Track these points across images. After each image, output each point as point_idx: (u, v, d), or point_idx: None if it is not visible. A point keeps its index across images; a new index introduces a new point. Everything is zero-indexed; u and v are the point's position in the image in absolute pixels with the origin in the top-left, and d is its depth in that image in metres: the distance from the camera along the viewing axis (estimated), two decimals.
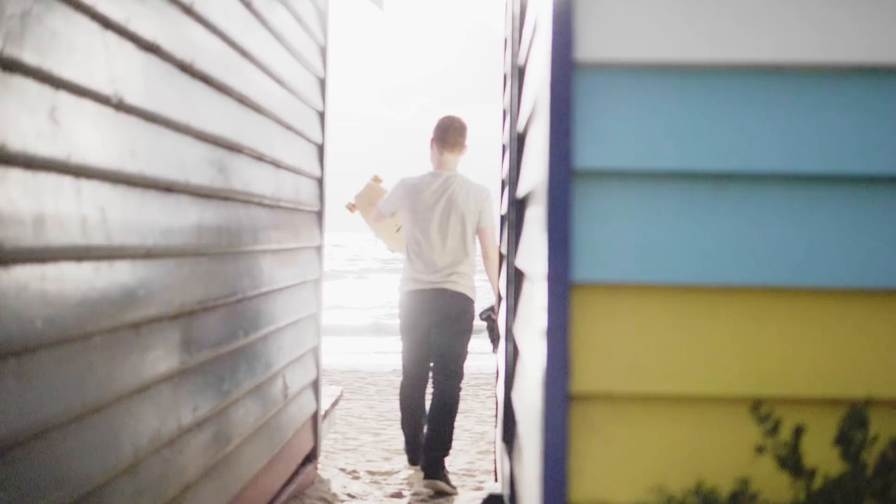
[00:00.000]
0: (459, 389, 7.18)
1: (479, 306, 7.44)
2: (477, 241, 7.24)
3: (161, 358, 3.48)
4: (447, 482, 6.93)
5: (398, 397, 7.50)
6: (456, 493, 6.93)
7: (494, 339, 7.28)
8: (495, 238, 7.15)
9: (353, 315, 25.18)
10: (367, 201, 7.98)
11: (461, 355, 7.15)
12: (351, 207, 8.09)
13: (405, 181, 7.24)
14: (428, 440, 6.96)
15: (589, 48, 2.67)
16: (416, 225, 7.14)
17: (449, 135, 7.25)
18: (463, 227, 7.07)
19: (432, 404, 7.10)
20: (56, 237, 2.65)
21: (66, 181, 2.72)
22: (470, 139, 7.31)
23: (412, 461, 7.56)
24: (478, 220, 7.12)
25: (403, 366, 7.41)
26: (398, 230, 7.84)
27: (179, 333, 3.68)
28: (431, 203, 7.10)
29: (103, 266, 2.97)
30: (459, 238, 7.08)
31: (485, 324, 7.43)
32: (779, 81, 2.66)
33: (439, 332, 7.14)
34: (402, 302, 7.29)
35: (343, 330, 21.00)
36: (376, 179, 8.07)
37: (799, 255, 2.65)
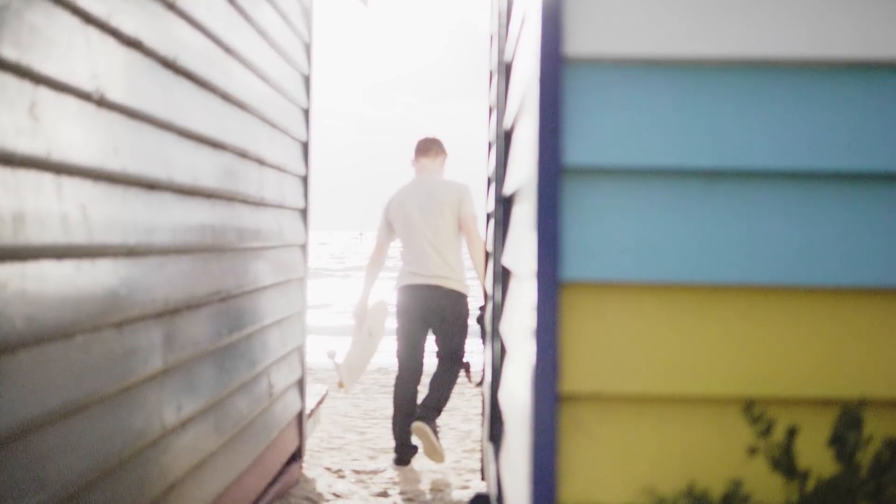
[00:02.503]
0: (459, 370, 7.71)
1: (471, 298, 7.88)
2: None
3: (144, 357, 3.44)
4: (436, 436, 7.43)
5: (386, 395, 7.60)
6: (443, 459, 7.49)
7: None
8: (478, 226, 7.64)
9: (340, 314, 25.07)
10: (347, 373, 8.22)
11: (461, 344, 7.67)
12: (340, 385, 8.29)
13: (389, 199, 7.87)
14: (424, 399, 7.53)
15: (578, 43, 2.64)
16: (403, 226, 7.67)
17: (423, 143, 7.89)
18: (446, 220, 7.55)
19: (433, 376, 7.62)
20: (36, 235, 2.61)
21: (47, 178, 2.68)
22: (452, 140, 7.79)
23: (400, 461, 7.56)
24: (458, 210, 7.58)
25: (398, 359, 7.77)
26: (370, 334, 8.30)
27: (163, 332, 3.64)
28: (414, 202, 7.63)
29: (85, 265, 2.93)
30: (444, 231, 7.55)
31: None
32: (771, 77, 2.63)
33: (438, 330, 7.64)
34: (398, 297, 7.74)
35: (330, 330, 20.89)
36: (340, 385, 8.26)
37: (791, 253, 2.62)
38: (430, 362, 8.23)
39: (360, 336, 8.16)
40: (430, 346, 7.87)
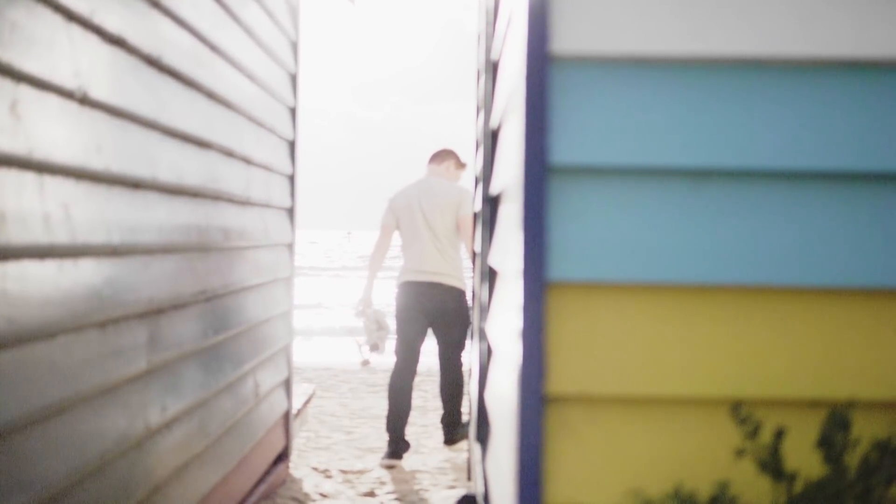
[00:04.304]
0: (462, 374, 7.99)
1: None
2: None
3: (128, 357, 3.41)
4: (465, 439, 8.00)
5: (373, 394, 7.64)
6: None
7: None
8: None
9: (332, 314, 24.97)
10: (376, 346, 8.48)
11: (461, 344, 7.95)
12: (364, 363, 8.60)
13: (389, 200, 8.13)
14: (443, 417, 8.06)
15: (565, 41, 2.62)
16: (404, 223, 7.96)
17: (434, 153, 8.21)
18: (445, 220, 7.83)
19: (441, 388, 8.00)
20: (17, 235, 2.58)
21: (28, 177, 2.65)
22: (442, 139, 8.05)
23: (393, 455, 7.66)
24: (457, 211, 7.85)
25: (396, 353, 7.95)
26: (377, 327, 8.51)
27: (147, 332, 3.62)
28: (416, 201, 7.91)
29: (67, 264, 2.90)
30: (443, 230, 7.82)
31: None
32: (760, 76, 2.62)
33: (438, 324, 7.91)
34: (398, 293, 7.98)
35: (322, 330, 20.80)
36: (365, 363, 8.59)
37: (780, 254, 2.61)
38: (431, 363, 8.31)
39: (370, 323, 8.33)
40: (430, 346, 8.01)
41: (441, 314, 7.84)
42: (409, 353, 7.89)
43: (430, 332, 7.99)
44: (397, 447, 7.68)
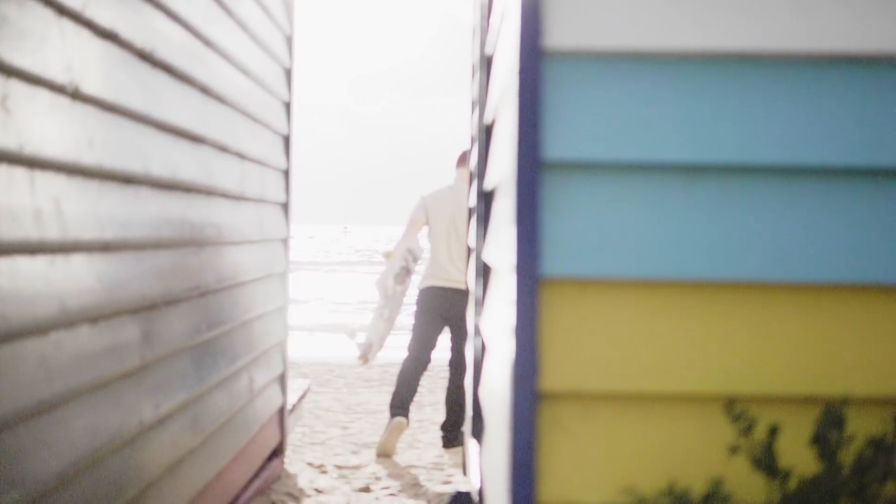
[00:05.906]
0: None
1: None
2: None
3: (120, 353, 3.40)
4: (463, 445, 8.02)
5: (369, 389, 7.66)
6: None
7: None
8: None
9: (328, 309, 24.92)
10: (375, 346, 8.56)
11: None
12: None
13: (423, 197, 8.31)
14: (445, 423, 8.12)
15: (558, 35, 2.61)
16: (432, 229, 8.16)
17: (461, 155, 8.31)
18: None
19: (448, 392, 8.10)
20: (8, 230, 2.56)
21: (19, 172, 2.64)
22: (437, 134, 8.19)
23: (397, 415, 7.83)
24: None
25: (410, 349, 8.15)
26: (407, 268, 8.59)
27: (140, 328, 3.60)
28: (447, 208, 8.11)
29: (59, 260, 2.89)
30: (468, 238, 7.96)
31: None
32: (757, 70, 2.61)
33: (456, 330, 8.08)
34: (420, 295, 8.20)
35: (318, 326, 20.75)
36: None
37: (774, 249, 2.60)
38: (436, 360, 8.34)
39: (380, 309, 8.41)
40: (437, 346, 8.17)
41: (462, 320, 7.91)
42: (422, 351, 8.06)
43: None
44: (400, 411, 7.86)
